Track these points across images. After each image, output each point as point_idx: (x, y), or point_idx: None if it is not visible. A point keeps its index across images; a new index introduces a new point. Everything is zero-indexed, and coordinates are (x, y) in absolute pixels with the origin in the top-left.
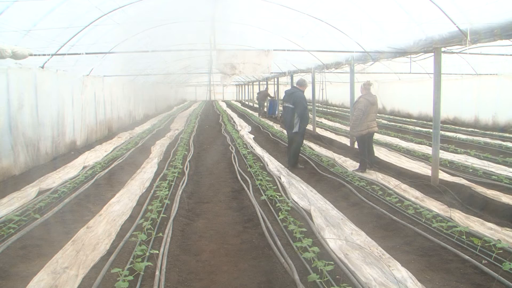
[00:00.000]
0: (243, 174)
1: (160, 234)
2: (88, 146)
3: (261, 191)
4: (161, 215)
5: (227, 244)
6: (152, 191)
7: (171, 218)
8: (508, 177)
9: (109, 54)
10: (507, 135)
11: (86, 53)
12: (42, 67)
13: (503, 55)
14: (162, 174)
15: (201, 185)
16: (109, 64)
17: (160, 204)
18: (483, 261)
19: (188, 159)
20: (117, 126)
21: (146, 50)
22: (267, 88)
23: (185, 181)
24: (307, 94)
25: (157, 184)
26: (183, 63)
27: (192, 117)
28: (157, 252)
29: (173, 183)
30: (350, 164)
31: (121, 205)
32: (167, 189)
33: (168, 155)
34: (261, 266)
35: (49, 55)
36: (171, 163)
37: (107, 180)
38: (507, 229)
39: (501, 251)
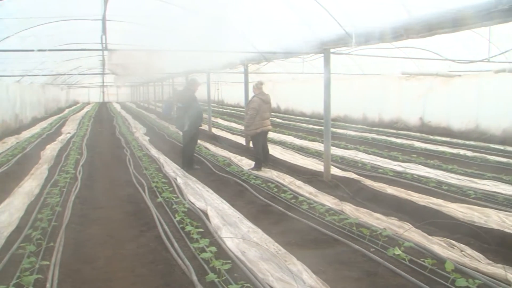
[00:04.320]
0: (139, 177)
1: (52, 244)
2: None
3: (157, 194)
4: (52, 223)
5: (123, 249)
6: (42, 199)
7: (63, 226)
8: (393, 170)
9: None
10: (391, 131)
11: None
12: None
13: (384, 56)
14: (53, 180)
15: (95, 190)
16: None
17: (51, 212)
18: (371, 249)
19: (81, 164)
20: (1, 130)
21: (31, 49)
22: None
23: (78, 186)
24: (202, 94)
25: (47, 191)
26: (74, 63)
27: (85, 120)
28: (48, 263)
29: (65, 189)
30: (245, 163)
31: (6, 215)
32: (59, 195)
33: (60, 160)
34: (158, 270)
35: None
36: (62, 168)
37: None
38: (392, 218)
39: (386, 238)
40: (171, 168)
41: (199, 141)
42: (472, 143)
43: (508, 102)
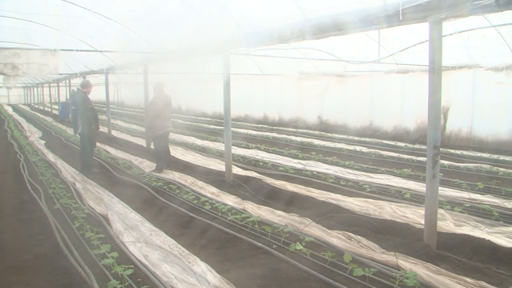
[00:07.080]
0: (34, 183)
1: None
2: None
3: (55, 200)
4: None
5: (17, 261)
6: None
7: None
8: (293, 167)
9: None
10: (291, 129)
11: None
12: None
13: (282, 57)
14: None
15: None
16: None
17: None
18: (273, 246)
19: None
20: None
21: None
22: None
23: None
24: (101, 95)
25: None
26: None
27: None
28: None
29: None
30: (147, 165)
31: None
32: None
33: None
34: (57, 280)
35: None
36: None
37: None
38: (293, 214)
39: (288, 234)
40: (70, 173)
41: (98, 144)
42: (367, 139)
43: (397, 101)
